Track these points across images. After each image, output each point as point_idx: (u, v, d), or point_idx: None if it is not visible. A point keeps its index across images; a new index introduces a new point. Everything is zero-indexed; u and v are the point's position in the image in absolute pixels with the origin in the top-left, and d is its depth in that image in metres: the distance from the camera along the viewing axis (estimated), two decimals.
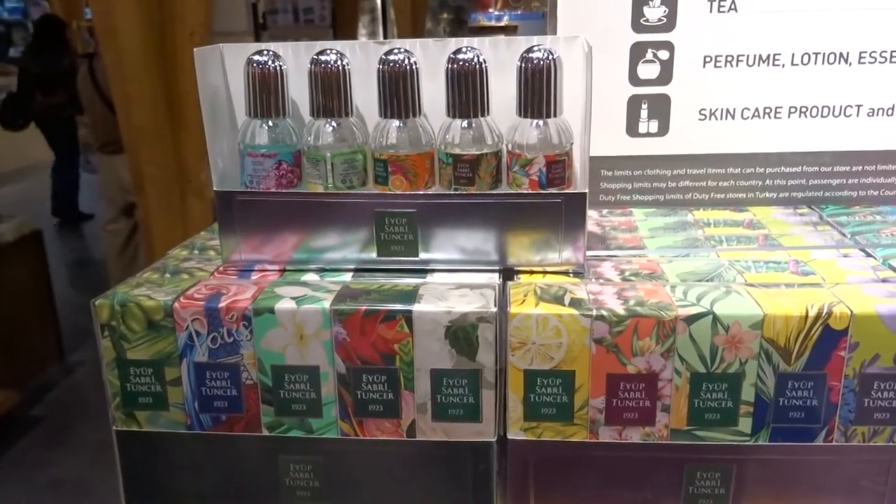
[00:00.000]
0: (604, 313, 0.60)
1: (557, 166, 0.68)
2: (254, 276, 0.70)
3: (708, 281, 0.66)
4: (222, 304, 0.63)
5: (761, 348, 0.59)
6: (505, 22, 4.65)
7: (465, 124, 0.69)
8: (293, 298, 0.63)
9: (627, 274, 0.68)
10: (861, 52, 0.83)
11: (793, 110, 0.85)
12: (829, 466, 0.62)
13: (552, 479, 0.64)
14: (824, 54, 0.83)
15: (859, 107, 0.84)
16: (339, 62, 0.69)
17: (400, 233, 0.68)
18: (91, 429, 2.19)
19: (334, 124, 0.71)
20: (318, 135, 0.71)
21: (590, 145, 0.67)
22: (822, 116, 0.85)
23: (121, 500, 0.69)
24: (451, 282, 0.67)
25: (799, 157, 0.87)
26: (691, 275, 0.67)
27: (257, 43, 0.77)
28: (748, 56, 0.84)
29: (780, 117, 0.85)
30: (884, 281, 0.65)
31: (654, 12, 0.83)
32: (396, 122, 0.70)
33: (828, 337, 0.59)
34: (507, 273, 0.69)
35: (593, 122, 0.66)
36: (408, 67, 0.68)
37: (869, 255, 0.71)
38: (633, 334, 0.60)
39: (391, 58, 0.68)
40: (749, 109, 0.85)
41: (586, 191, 0.67)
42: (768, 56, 0.83)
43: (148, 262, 0.75)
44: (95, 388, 0.66)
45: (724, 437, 0.62)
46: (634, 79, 0.85)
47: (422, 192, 0.70)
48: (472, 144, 0.69)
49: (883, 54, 0.83)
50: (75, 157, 4.75)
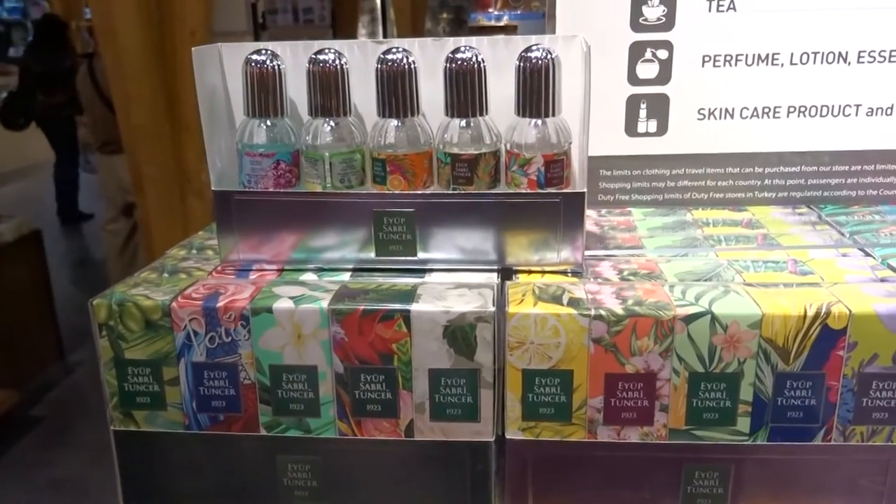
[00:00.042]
0: (602, 313, 0.60)
1: (556, 166, 0.68)
2: (252, 276, 0.70)
3: (706, 280, 0.66)
4: (220, 304, 0.63)
5: (760, 348, 0.59)
6: (505, 22, 4.65)
7: (463, 124, 0.69)
8: (291, 298, 0.63)
9: (626, 273, 0.68)
10: (860, 52, 0.83)
11: (792, 110, 0.85)
12: (827, 466, 0.62)
13: (550, 479, 0.64)
14: (823, 54, 0.83)
15: (858, 106, 0.84)
16: (338, 61, 0.69)
17: (398, 232, 0.68)
18: (91, 429, 2.19)
19: (332, 124, 0.71)
20: (316, 134, 0.71)
21: (588, 145, 0.67)
22: (821, 116, 0.85)
23: (119, 499, 0.69)
24: (450, 281, 0.67)
25: (798, 157, 0.86)
26: (690, 274, 0.67)
27: (255, 42, 0.77)
28: (747, 56, 0.84)
29: (778, 117, 0.85)
30: (882, 280, 0.65)
31: (653, 12, 0.83)
32: (395, 122, 0.69)
33: (826, 336, 0.59)
34: (506, 273, 0.69)
35: (592, 122, 0.66)
36: (406, 67, 0.68)
37: (868, 254, 0.71)
38: (632, 334, 0.60)
39: (389, 57, 0.68)
40: (748, 109, 0.85)
41: (585, 190, 0.67)
42: (767, 55, 0.83)
43: (147, 263, 0.75)
44: (95, 388, 0.66)
45: (723, 436, 0.62)
46: (633, 78, 0.85)
47: (420, 192, 0.70)
48: (471, 144, 0.69)
49: (882, 54, 0.83)
50: (75, 156, 4.75)
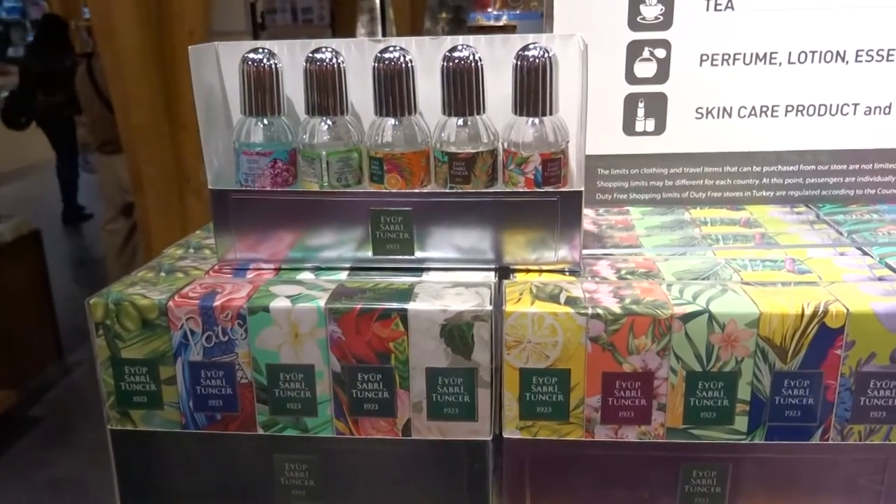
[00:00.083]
0: (599, 312, 0.60)
1: (553, 164, 0.68)
2: (249, 275, 0.70)
3: (704, 279, 0.65)
4: (217, 303, 0.63)
5: (757, 347, 0.59)
6: (504, 22, 4.64)
7: (460, 122, 0.69)
8: (288, 297, 0.63)
9: (623, 272, 0.68)
10: (858, 51, 0.83)
11: (790, 109, 0.85)
12: (825, 465, 0.62)
13: (548, 479, 0.64)
14: (821, 53, 0.83)
15: (856, 105, 0.84)
16: (335, 60, 0.69)
17: (395, 231, 0.68)
18: (90, 428, 2.19)
19: (330, 122, 0.71)
20: (313, 133, 0.71)
21: (586, 144, 0.67)
22: (819, 115, 0.85)
23: (116, 499, 0.69)
24: (447, 280, 0.66)
25: (796, 156, 0.86)
26: (687, 273, 0.67)
27: (253, 41, 0.77)
28: (745, 54, 0.83)
29: (776, 116, 0.85)
30: (880, 279, 0.65)
31: (651, 10, 0.83)
32: (392, 121, 0.69)
33: (824, 335, 0.59)
34: (503, 271, 0.69)
35: (590, 121, 0.66)
36: (403, 65, 0.68)
37: (865, 253, 0.71)
38: (629, 333, 0.60)
39: (386, 56, 0.68)
40: (746, 108, 0.85)
41: (582, 189, 0.67)
42: (765, 54, 0.83)
43: (147, 262, 0.75)
44: (94, 388, 0.66)
45: (720, 435, 0.62)
46: (631, 77, 0.85)
47: (417, 191, 0.70)
48: (468, 143, 0.69)
49: (880, 52, 0.83)
50: (74, 156, 4.75)
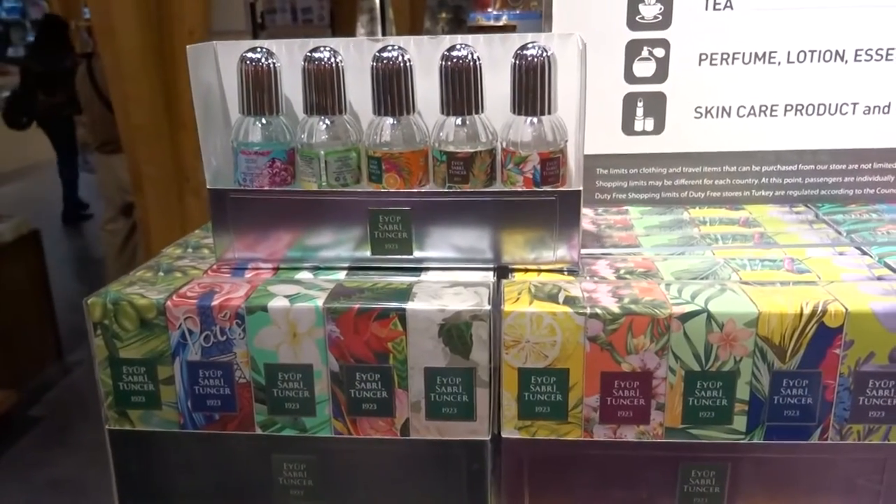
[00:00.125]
0: (598, 311, 0.60)
1: (552, 164, 0.68)
2: (247, 275, 0.70)
3: (703, 279, 0.65)
4: (215, 303, 0.63)
5: (756, 346, 0.59)
6: (504, 21, 4.64)
7: (459, 122, 0.69)
8: (286, 297, 0.63)
9: (622, 272, 0.68)
10: (857, 50, 0.83)
11: (789, 108, 0.85)
12: (824, 465, 0.62)
13: (547, 478, 0.64)
14: (820, 52, 0.83)
15: (855, 104, 0.84)
16: (333, 59, 0.69)
17: (394, 231, 0.68)
18: (89, 429, 2.19)
19: (328, 122, 0.70)
20: (311, 132, 0.71)
21: (584, 143, 0.67)
22: (818, 114, 0.85)
23: (114, 499, 0.69)
24: (445, 280, 0.66)
25: (795, 156, 0.86)
26: (686, 273, 0.67)
27: (251, 40, 0.77)
28: (744, 54, 0.83)
29: (775, 115, 0.85)
30: (879, 279, 0.65)
31: (650, 10, 0.83)
32: (390, 120, 0.69)
33: (822, 335, 0.59)
34: (502, 271, 0.69)
35: (588, 120, 0.66)
36: (402, 65, 0.68)
37: (864, 252, 0.71)
38: (628, 332, 0.60)
39: (385, 55, 0.68)
40: (745, 107, 0.85)
41: (581, 188, 0.66)
42: (764, 54, 0.83)
43: (146, 262, 0.74)
44: (94, 388, 0.66)
45: (719, 435, 0.61)
46: (630, 76, 0.85)
47: (416, 190, 0.69)
48: (467, 142, 0.69)
49: (879, 52, 0.82)
50: (74, 156, 4.76)
